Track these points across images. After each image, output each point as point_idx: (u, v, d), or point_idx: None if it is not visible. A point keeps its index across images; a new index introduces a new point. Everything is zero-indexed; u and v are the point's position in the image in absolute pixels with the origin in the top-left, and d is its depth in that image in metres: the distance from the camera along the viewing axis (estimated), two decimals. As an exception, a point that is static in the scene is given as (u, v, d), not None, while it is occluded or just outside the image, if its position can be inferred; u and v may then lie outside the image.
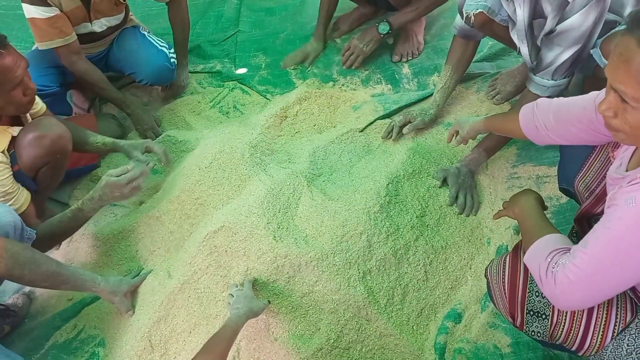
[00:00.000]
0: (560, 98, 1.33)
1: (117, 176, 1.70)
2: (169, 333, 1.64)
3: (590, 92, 1.26)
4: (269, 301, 1.57)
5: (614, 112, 0.97)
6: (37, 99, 1.82)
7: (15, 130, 1.70)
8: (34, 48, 2.20)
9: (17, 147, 1.69)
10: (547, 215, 1.78)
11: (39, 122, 1.76)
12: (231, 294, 1.54)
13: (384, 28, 2.22)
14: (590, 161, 1.34)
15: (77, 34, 2.08)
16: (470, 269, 1.70)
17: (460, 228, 1.77)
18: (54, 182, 1.88)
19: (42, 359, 1.69)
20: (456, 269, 1.69)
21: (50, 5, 1.94)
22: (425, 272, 1.67)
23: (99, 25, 2.17)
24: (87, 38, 2.18)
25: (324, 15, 2.45)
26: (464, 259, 1.72)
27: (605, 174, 1.21)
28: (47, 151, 1.72)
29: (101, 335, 1.74)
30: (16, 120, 1.75)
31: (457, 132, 1.72)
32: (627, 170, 1.07)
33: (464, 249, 1.73)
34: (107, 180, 1.69)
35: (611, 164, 1.17)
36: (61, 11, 1.99)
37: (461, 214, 1.80)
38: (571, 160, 1.42)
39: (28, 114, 1.79)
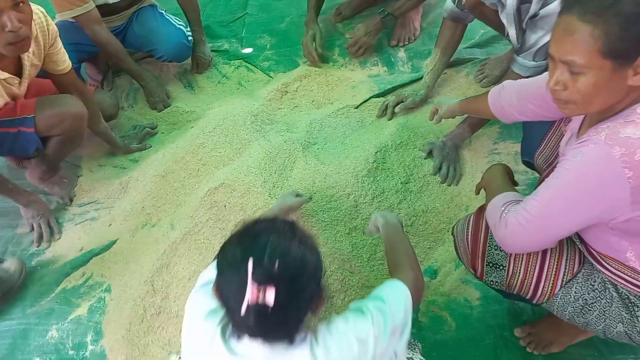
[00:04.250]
0: (525, 79, 1.47)
1: None
2: (170, 279, 1.77)
3: (545, 72, 1.39)
4: (310, 197, 1.68)
5: (564, 85, 1.04)
6: (65, 56, 1.88)
7: (14, 80, 1.71)
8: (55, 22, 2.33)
9: (36, 112, 1.78)
10: (521, 187, 1.91)
11: (63, 100, 1.86)
12: None
13: (383, 12, 2.35)
14: (548, 137, 1.46)
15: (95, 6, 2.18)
16: (448, 231, 1.82)
17: (441, 195, 1.90)
18: (62, 153, 2.00)
19: (52, 301, 1.83)
20: (435, 231, 1.82)
21: None
22: (407, 232, 1.80)
23: None
24: (104, 10, 2.27)
25: (313, 4, 2.49)
26: (443, 222, 1.84)
27: None
28: (63, 129, 1.85)
29: (107, 282, 1.86)
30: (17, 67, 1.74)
31: (437, 110, 1.85)
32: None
33: (443, 213, 1.86)
34: None
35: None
36: None
37: (443, 183, 1.93)
38: (532, 135, 1.55)
39: (27, 60, 1.72)
